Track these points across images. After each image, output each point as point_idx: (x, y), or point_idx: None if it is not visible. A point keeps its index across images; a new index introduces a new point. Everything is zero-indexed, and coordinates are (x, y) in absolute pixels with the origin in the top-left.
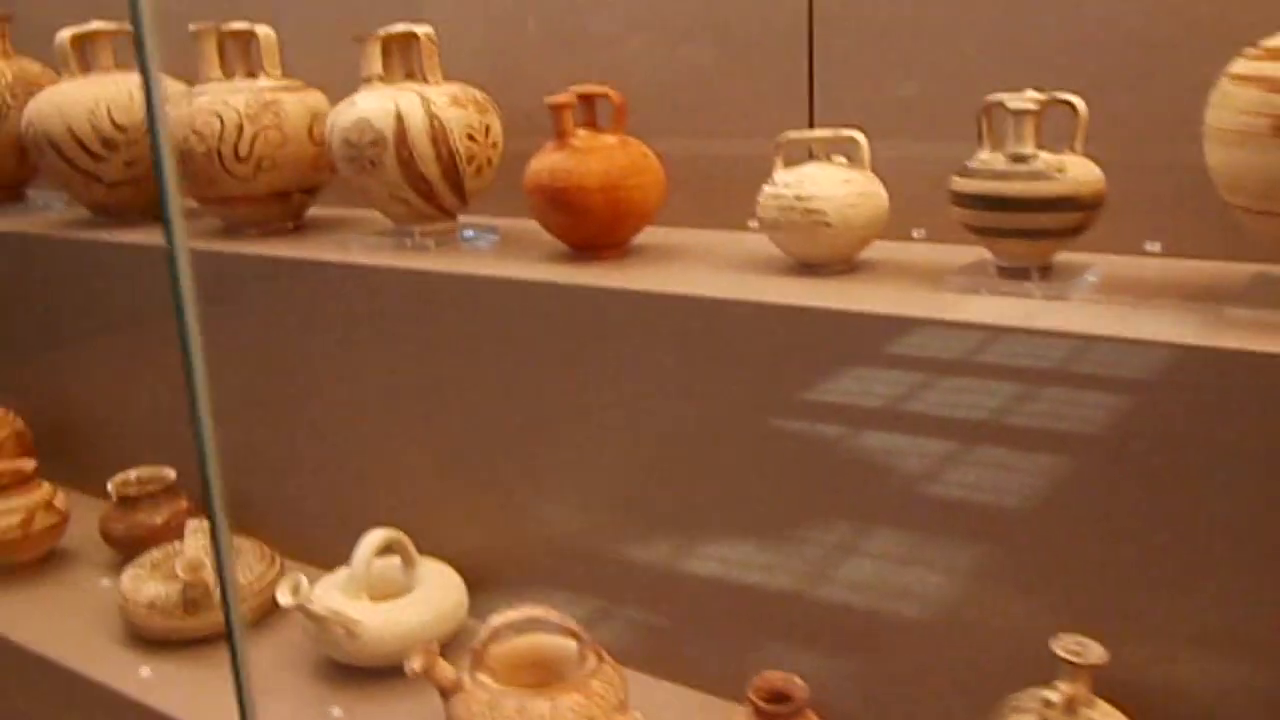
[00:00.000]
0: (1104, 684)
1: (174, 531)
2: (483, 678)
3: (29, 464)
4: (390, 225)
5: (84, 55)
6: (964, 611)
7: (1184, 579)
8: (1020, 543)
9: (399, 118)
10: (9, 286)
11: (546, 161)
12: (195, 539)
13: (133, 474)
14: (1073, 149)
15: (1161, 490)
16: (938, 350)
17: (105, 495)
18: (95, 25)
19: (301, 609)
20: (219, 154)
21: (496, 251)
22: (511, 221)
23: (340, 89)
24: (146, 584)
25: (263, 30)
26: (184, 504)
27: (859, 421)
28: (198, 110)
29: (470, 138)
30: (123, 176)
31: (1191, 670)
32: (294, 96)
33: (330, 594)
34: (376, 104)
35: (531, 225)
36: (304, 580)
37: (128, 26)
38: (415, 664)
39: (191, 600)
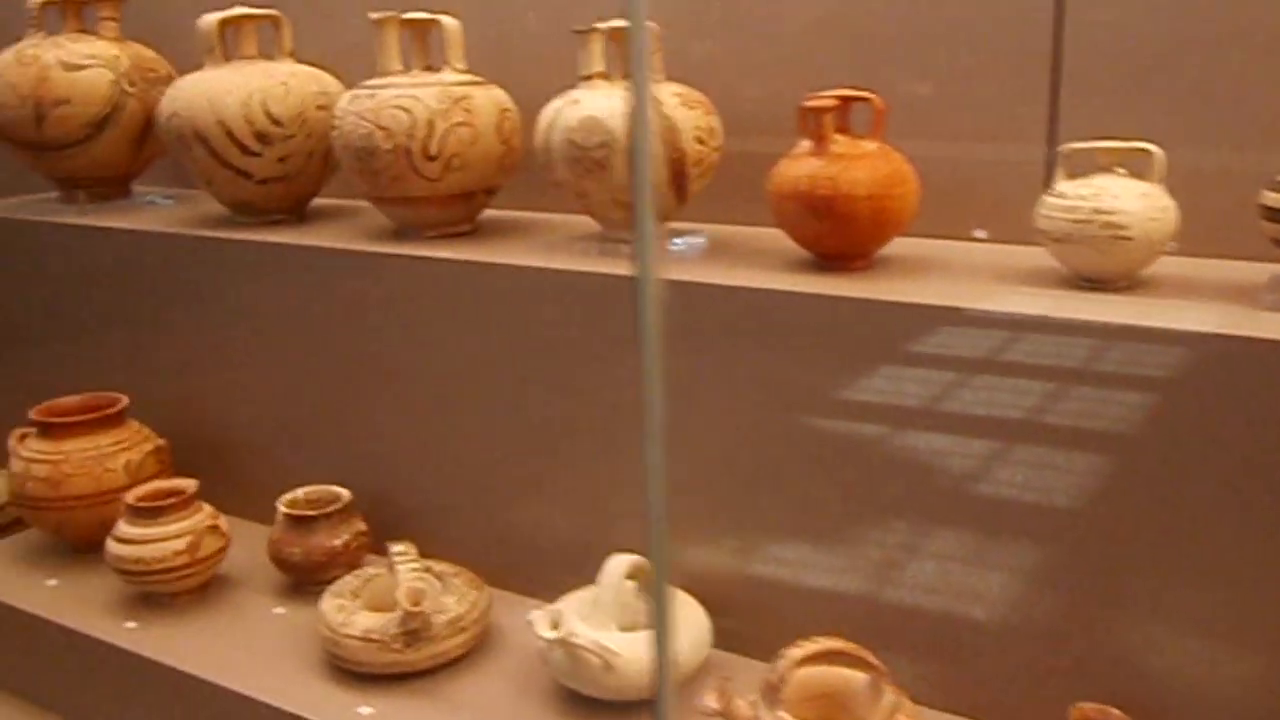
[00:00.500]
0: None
1: (354, 555)
2: (783, 715)
3: (190, 484)
4: (581, 229)
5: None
6: None
7: None
8: None
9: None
10: (143, 289)
11: (803, 167)
12: (407, 566)
13: (300, 493)
14: None
15: None
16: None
17: (252, 515)
18: (240, 10)
19: (564, 643)
20: (408, 152)
21: (724, 260)
22: (707, 227)
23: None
24: (357, 614)
25: (447, 20)
26: (362, 525)
27: (1205, 447)
28: (382, 105)
29: (699, 140)
30: (274, 173)
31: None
32: (483, 91)
33: (574, 624)
34: (605, 103)
35: (734, 231)
36: (564, 611)
37: (272, 12)
38: (712, 701)
39: (412, 632)
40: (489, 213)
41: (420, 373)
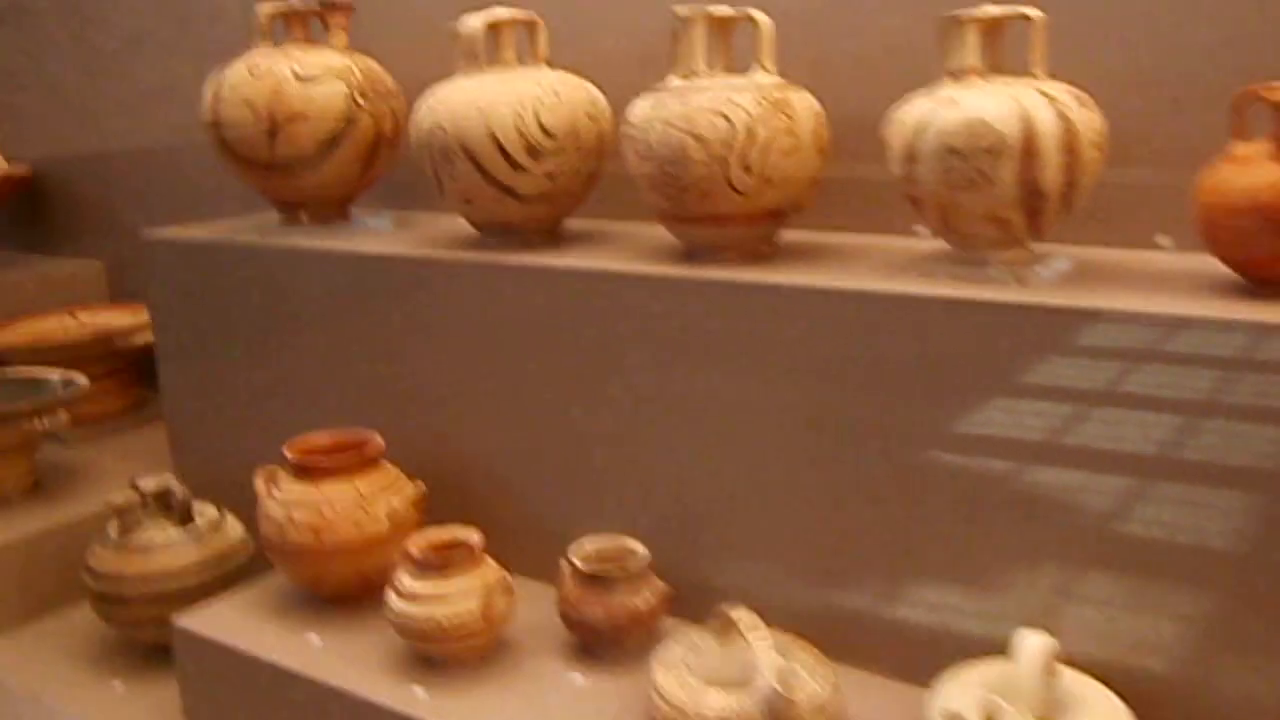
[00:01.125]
0: None
1: (654, 617)
2: None
3: (475, 535)
4: (896, 249)
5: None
6: None
7: None
8: None
9: (1025, 120)
10: (386, 316)
11: (1264, 174)
12: (762, 639)
13: (589, 546)
14: None
15: None
16: None
17: (519, 568)
18: (503, 13)
19: None
20: (724, 163)
21: (1108, 286)
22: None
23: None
24: (706, 693)
25: (760, 16)
26: (661, 584)
27: None
28: (696, 111)
29: (1096, 146)
30: (540, 190)
31: None
32: (799, 95)
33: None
34: (993, 103)
35: (1088, 252)
36: (1000, 701)
37: (530, 14)
38: None
39: (777, 715)
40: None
41: (724, 413)
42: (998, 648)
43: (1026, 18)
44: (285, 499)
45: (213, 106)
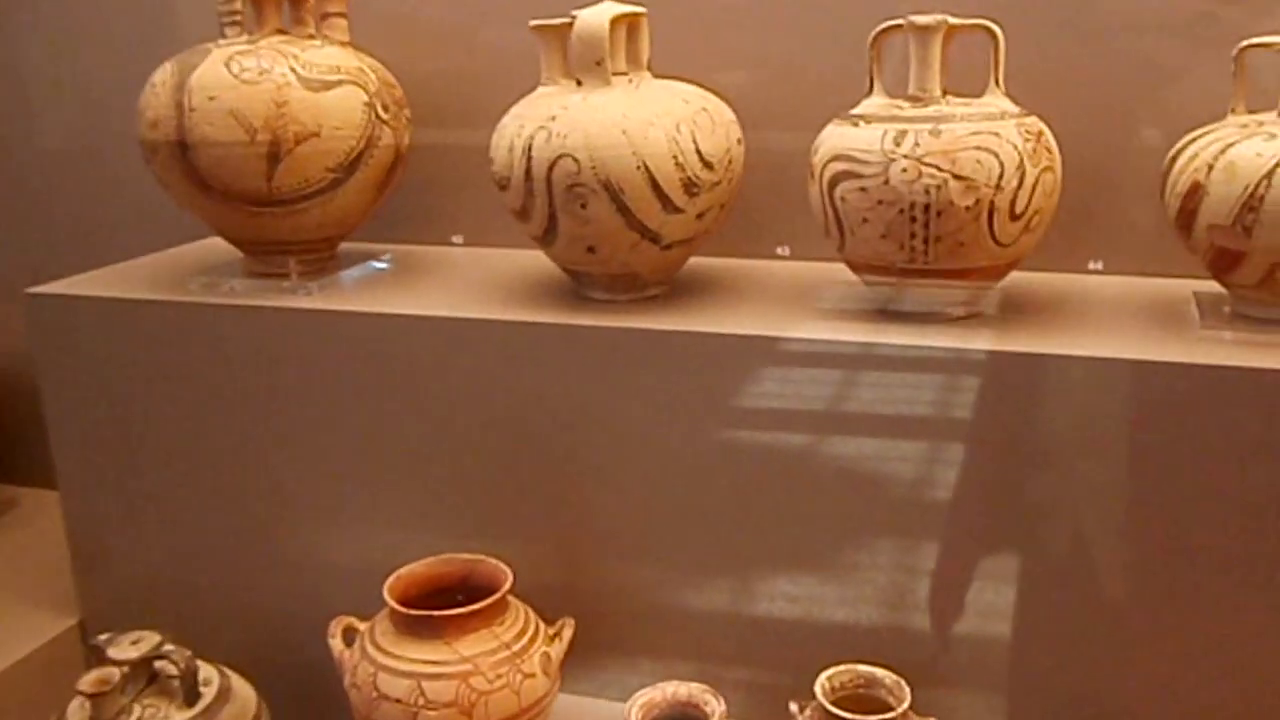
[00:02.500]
0: None
1: None
2: None
3: (707, 694)
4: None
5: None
6: None
7: None
8: None
9: None
10: (481, 403)
11: None
12: None
13: (832, 676)
14: None
15: None
16: None
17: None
18: (624, 9)
19: None
20: (991, 209)
21: None
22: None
23: None
24: None
25: (996, 28)
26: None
27: None
28: (955, 146)
29: None
30: (687, 234)
31: None
32: (1041, 124)
33: None
34: None
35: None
36: None
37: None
38: None
39: None
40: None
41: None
42: None
43: None
44: (402, 667)
45: (173, 119)
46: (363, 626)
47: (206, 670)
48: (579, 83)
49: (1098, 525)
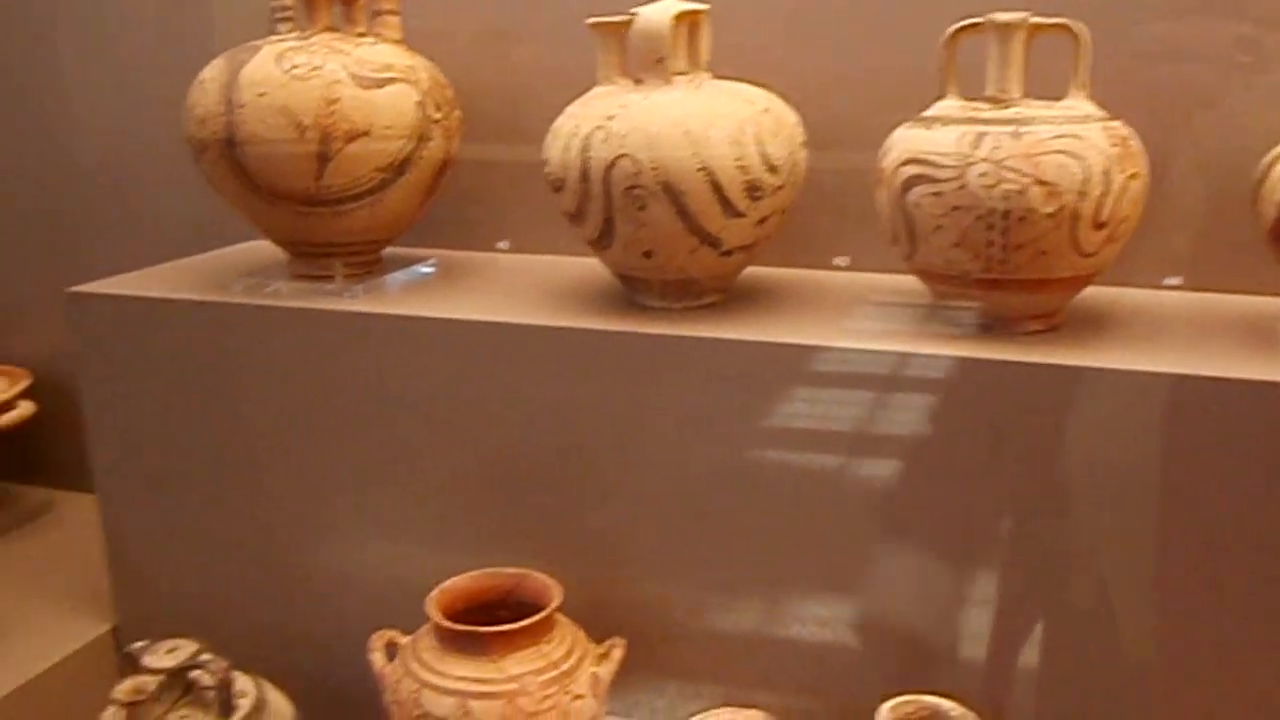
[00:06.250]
0: None
1: None
2: None
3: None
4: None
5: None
6: None
7: None
8: None
9: None
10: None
11: None
12: None
13: (895, 706)
14: None
15: None
16: None
17: None
18: (691, 6)
19: None
20: (1074, 217)
21: None
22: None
23: None
24: None
25: (1080, 27)
26: None
27: None
28: (1036, 150)
29: None
30: (747, 240)
31: None
32: (1121, 128)
33: None
34: None
35: None
36: None
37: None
38: None
39: None
40: None
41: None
42: None
43: None
44: (446, 685)
45: (221, 116)
46: (404, 641)
47: (242, 681)
48: (638, 82)
49: (1177, 548)
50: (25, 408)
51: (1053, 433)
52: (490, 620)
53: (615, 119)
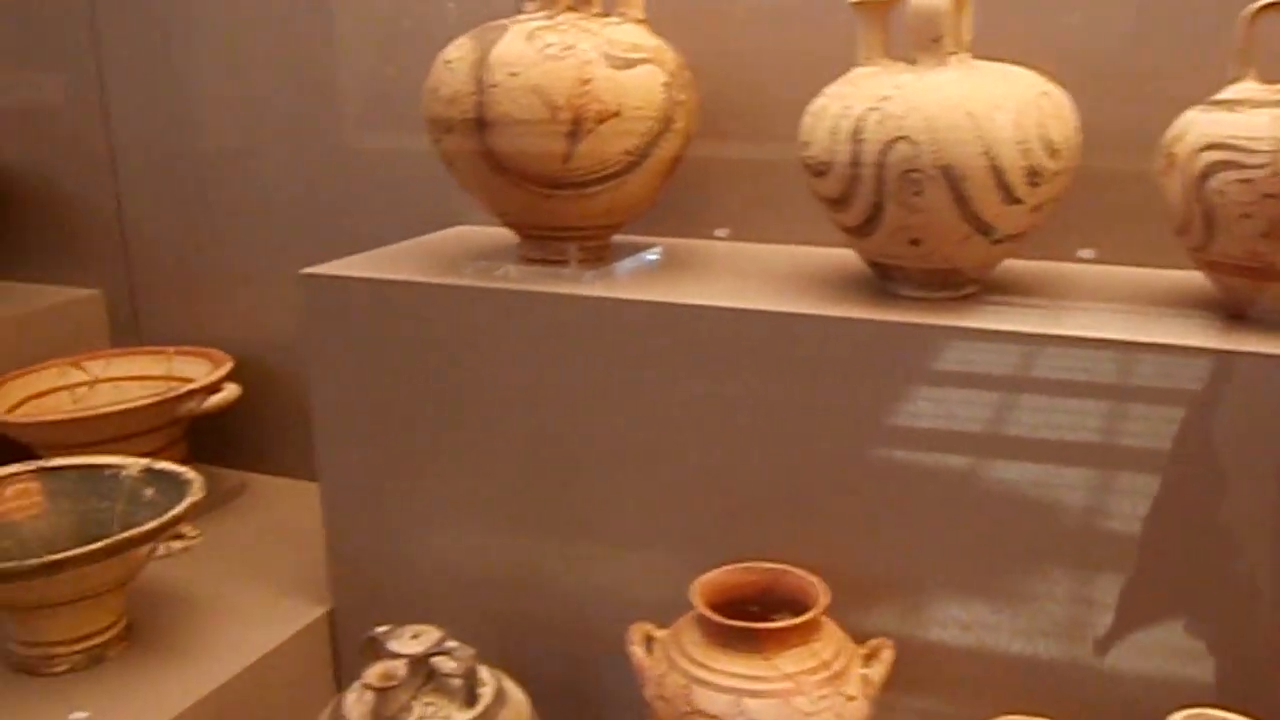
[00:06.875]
0: None
1: None
2: None
3: None
4: None
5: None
6: None
7: None
8: None
9: None
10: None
11: None
12: None
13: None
14: None
15: None
16: None
17: None
18: None
19: None
20: None
21: None
22: None
23: None
24: None
25: None
26: None
27: None
28: None
29: None
30: (1019, 228)
31: None
32: None
33: None
34: None
35: None
36: None
37: None
38: None
39: None
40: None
41: None
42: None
43: None
44: (721, 681)
45: (471, 95)
46: (659, 634)
47: (482, 670)
48: (911, 62)
49: None
50: (231, 390)
51: None
52: (741, 616)
53: (891, 100)
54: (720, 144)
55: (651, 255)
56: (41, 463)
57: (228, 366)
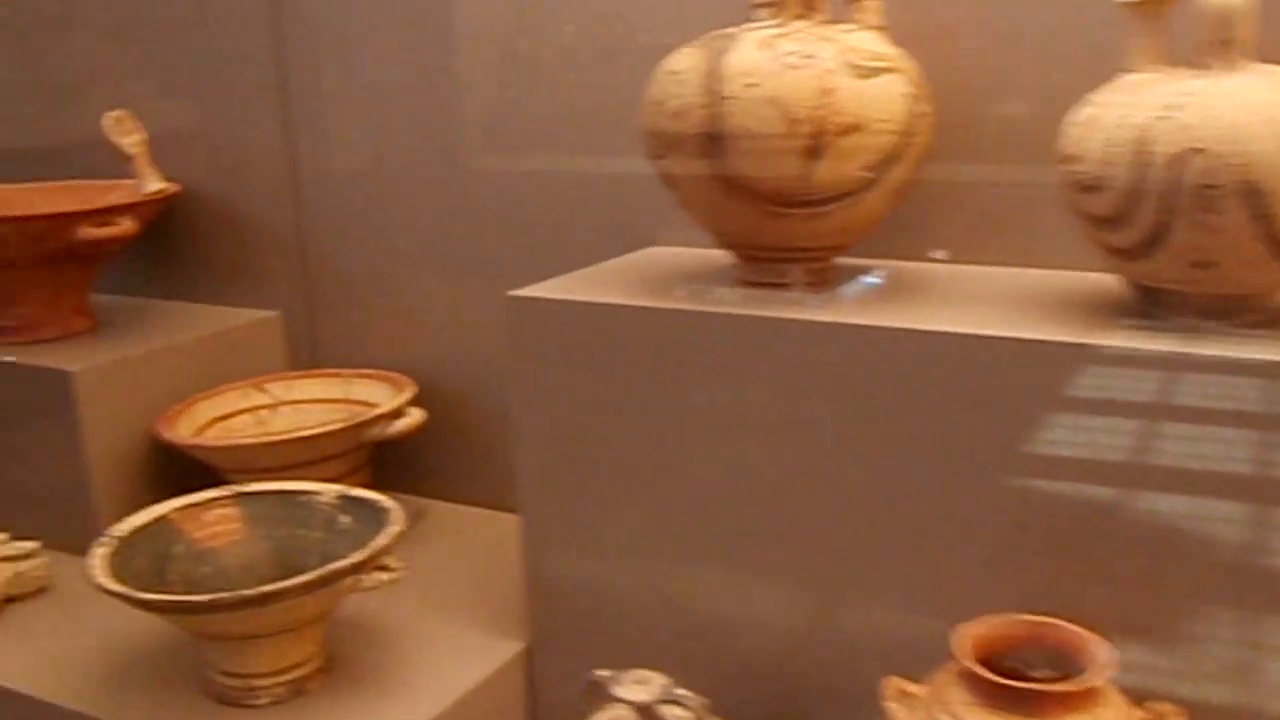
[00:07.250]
0: None
1: None
2: None
3: None
4: None
5: None
6: None
7: None
8: None
9: None
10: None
11: None
12: None
13: None
14: None
15: None
16: None
17: None
18: None
19: None
20: None
21: None
22: None
23: None
24: None
25: None
26: None
27: None
28: None
29: None
30: None
31: None
32: None
33: None
34: None
35: None
36: None
37: None
38: None
39: None
40: None
41: None
42: None
43: None
44: None
45: (703, 108)
46: (914, 689)
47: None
48: (1200, 67)
49: None
50: (416, 415)
51: None
52: (1001, 672)
53: (1183, 109)
54: (932, 159)
55: (874, 278)
56: (240, 488)
57: (411, 391)
